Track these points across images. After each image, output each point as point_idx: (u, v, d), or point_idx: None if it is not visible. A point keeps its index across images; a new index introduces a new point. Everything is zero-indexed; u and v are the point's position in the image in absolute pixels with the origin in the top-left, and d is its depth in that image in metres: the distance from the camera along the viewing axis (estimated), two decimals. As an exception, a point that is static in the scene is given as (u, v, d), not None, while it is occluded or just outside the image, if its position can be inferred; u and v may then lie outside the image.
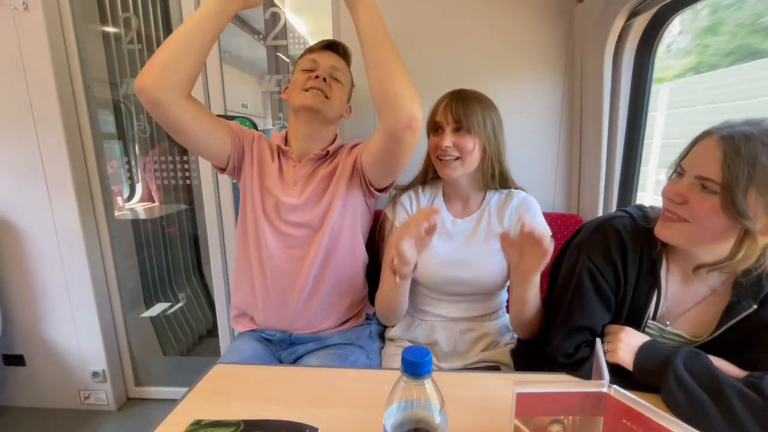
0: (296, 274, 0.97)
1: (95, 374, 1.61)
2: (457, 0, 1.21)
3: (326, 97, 0.95)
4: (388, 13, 1.22)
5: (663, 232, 0.67)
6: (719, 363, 0.63)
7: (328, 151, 0.99)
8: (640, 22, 1.01)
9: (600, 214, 1.17)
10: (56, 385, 1.64)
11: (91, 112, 1.47)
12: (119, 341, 1.68)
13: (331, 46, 1.02)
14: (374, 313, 1.12)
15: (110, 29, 1.48)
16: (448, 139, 0.90)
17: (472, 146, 0.90)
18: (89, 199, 1.52)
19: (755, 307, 0.64)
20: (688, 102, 1.31)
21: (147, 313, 1.84)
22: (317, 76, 0.95)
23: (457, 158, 0.91)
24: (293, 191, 0.97)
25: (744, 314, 0.64)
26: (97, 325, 1.57)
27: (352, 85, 1.07)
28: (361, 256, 1.04)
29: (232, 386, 0.70)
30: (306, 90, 0.94)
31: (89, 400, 1.66)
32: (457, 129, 0.91)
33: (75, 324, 1.57)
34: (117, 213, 1.65)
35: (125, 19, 1.46)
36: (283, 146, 1.01)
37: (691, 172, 0.62)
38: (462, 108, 0.90)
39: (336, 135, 1.05)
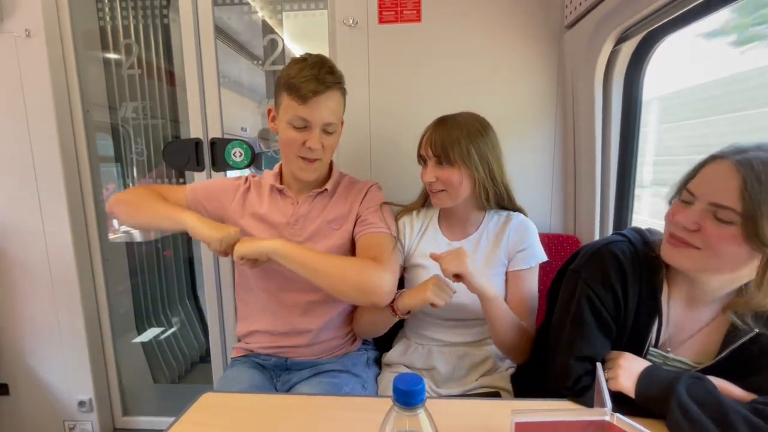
0: (295, 306, 0.96)
1: (81, 404, 1.55)
2: (450, 27, 1.24)
3: (320, 159, 0.91)
4: (385, 41, 1.28)
5: (674, 257, 0.63)
6: (722, 384, 0.61)
7: (326, 189, 0.97)
8: (629, 47, 1.03)
9: (597, 235, 1.17)
10: (40, 415, 1.58)
11: (89, 136, 1.48)
12: (108, 368, 1.63)
13: (320, 87, 0.84)
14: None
15: (111, 55, 1.51)
16: (430, 174, 0.88)
17: (458, 179, 0.87)
18: (83, 224, 1.51)
19: (757, 331, 0.62)
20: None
21: (139, 339, 1.79)
22: (310, 147, 0.87)
23: (443, 190, 0.89)
24: (293, 231, 0.95)
25: (746, 338, 0.63)
26: (85, 353, 1.52)
27: (344, 106, 0.97)
28: None
29: (220, 417, 0.67)
30: (299, 156, 0.89)
31: (74, 431, 1.59)
32: (440, 162, 0.87)
33: (63, 351, 1.52)
34: (112, 236, 1.63)
35: (126, 45, 1.49)
36: (278, 185, 0.97)
37: (704, 198, 0.59)
38: (442, 140, 0.86)
39: (332, 164, 1.03)
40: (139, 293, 1.80)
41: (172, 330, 1.91)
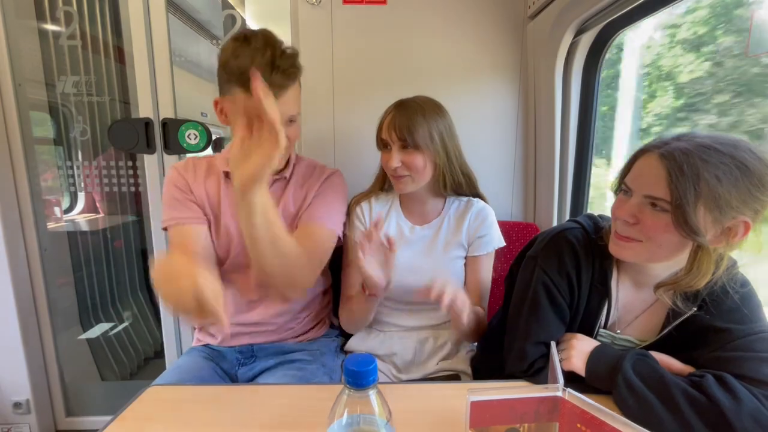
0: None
1: (17, 405, 1.43)
2: (415, 12, 1.22)
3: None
4: (349, 22, 1.24)
5: (619, 252, 0.66)
6: (663, 359, 0.64)
7: (285, 177, 0.91)
8: (587, 39, 1.06)
9: (555, 222, 1.20)
10: (-31, 420, 1.44)
11: (22, 114, 1.34)
12: (48, 367, 1.51)
13: (285, 81, 0.74)
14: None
15: (48, 25, 1.37)
16: (396, 159, 0.86)
17: (423, 163, 0.87)
18: (16, 211, 1.37)
19: (695, 309, 0.66)
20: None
21: (85, 335, 1.67)
22: None
23: (408, 175, 0.88)
24: None
25: (684, 317, 0.66)
26: (21, 351, 1.39)
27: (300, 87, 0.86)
28: None
29: (167, 412, 0.63)
30: None
31: (9, 435, 1.47)
32: (404, 146, 0.87)
33: None
34: (53, 225, 1.50)
35: (65, 13, 1.35)
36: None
37: (639, 191, 0.62)
38: (406, 124, 0.85)
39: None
40: (84, 286, 1.68)
41: (123, 325, 1.80)
